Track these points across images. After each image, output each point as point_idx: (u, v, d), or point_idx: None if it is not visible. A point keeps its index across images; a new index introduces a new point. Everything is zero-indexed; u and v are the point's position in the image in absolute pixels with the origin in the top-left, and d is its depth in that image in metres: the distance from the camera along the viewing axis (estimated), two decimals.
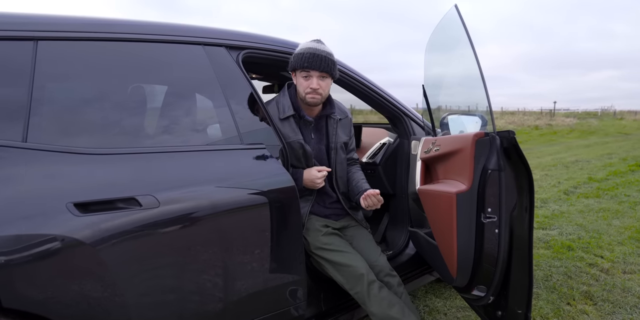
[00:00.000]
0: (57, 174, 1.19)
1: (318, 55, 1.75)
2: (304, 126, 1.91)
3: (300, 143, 1.84)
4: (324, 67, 1.76)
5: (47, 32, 1.29)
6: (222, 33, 1.68)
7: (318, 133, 1.95)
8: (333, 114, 1.95)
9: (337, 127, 1.97)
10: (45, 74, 1.26)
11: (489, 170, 1.50)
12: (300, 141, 1.84)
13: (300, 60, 1.76)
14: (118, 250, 1.20)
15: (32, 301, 1.09)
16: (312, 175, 1.82)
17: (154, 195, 1.27)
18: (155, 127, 1.51)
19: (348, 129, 2.07)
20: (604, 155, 9.78)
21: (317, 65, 1.75)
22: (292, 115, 1.84)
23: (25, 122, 1.19)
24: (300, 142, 1.84)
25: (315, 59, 1.75)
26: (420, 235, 2.08)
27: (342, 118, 2.02)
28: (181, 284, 1.34)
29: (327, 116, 1.96)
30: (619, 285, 2.74)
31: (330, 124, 1.96)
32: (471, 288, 1.70)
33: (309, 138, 1.92)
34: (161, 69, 1.56)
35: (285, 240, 1.57)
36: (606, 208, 4.71)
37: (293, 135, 1.83)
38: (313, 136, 1.93)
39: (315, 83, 1.78)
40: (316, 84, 1.78)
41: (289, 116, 1.84)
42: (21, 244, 1.06)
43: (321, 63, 1.75)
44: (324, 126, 1.97)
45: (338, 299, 1.93)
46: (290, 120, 1.85)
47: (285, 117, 1.84)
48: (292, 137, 1.83)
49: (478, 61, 1.42)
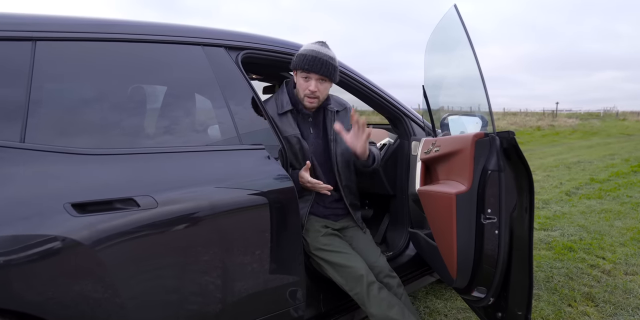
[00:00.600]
0: (55, 174, 1.18)
1: (320, 58, 1.76)
2: (302, 121, 1.91)
3: (297, 138, 1.84)
4: (323, 71, 1.77)
5: (45, 33, 1.28)
6: (221, 33, 1.68)
7: (316, 128, 1.95)
8: (329, 106, 1.95)
9: (335, 119, 1.97)
10: (44, 75, 1.25)
11: (489, 171, 1.49)
12: (297, 136, 1.84)
13: (301, 61, 1.77)
14: (116, 250, 1.20)
15: (29, 302, 1.09)
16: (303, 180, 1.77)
17: (152, 195, 1.27)
18: (153, 128, 1.51)
19: (347, 121, 2.06)
20: (606, 156, 9.75)
21: (317, 68, 1.76)
22: (290, 110, 1.85)
23: (24, 122, 1.19)
24: (297, 136, 1.84)
25: (316, 62, 1.75)
26: (420, 236, 2.07)
27: (340, 110, 2.01)
28: (179, 285, 1.34)
29: (324, 109, 1.96)
30: (620, 287, 2.73)
31: (328, 117, 1.96)
32: (471, 289, 1.69)
33: (308, 133, 1.92)
34: (160, 70, 1.56)
35: (284, 241, 1.57)
36: (608, 209, 4.69)
37: (290, 130, 1.84)
38: (312, 131, 1.93)
39: (313, 86, 1.79)
40: (314, 87, 1.79)
41: (287, 111, 1.85)
42: (18, 244, 1.06)
43: (321, 67, 1.76)
44: (321, 120, 1.97)
45: (338, 300, 1.93)
46: (288, 115, 1.86)
47: (284, 112, 1.85)
48: (289, 132, 1.84)
49: (478, 61, 1.42)
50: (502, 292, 1.61)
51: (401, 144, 2.43)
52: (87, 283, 1.17)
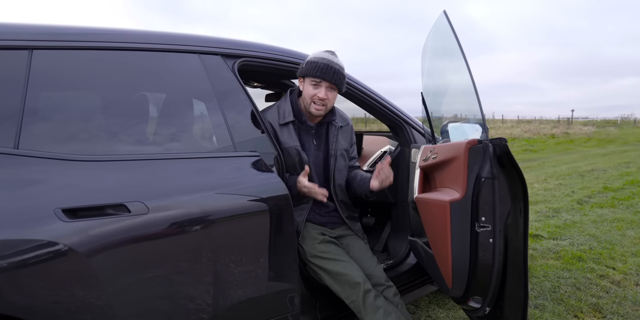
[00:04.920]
0: (47, 179, 1.20)
1: (332, 67, 1.77)
2: (304, 132, 1.91)
3: (296, 149, 1.84)
4: (334, 79, 1.79)
5: (42, 42, 1.31)
6: (218, 42, 1.70)
7: (318, 140, 1.95)
8: (334, 121, 1.96)
9: (338, 134, 1.97)
10: (39, 83, 1.28)
11: (483, 179, 1.48)
12: (297, 148, 1.84)
13: (313, 68, 1.78)
14: (106, 256, 1.21)
15: (19, 306, 1.10)
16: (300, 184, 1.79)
17: (143, 201, 1.28)
18: (147, 135, 1.52)
19: (349, 137, 2.06)
20: (621, 164, 9.56)
21: (329, 76, 1.77)
22: (291, 121, 1.85)
23: (18, 129, 1.21)
24: (297, 148, 1.84)
25: (328, 70, 1.77)
26: (419, 245, 2.05)
27: (343, 125, 2.02)
28: (170, 291, 1.34)
29: (328, 123, 1.96)
30: (630, 298, 2.66)
31: (331, 131, 1.96)
32: (467, 299, 1.67)
33: (310, 144, 1.92)
34: (156, 78, 1.58)
35: (278, 248, 1.56)
36: (621, 218, 4.59)
37: (290, 142, 1.84)
38: (315, 142, 1.93)
39: (323, 93, 1.79)
40: (324, 94, 1.80)
41: (289, 122, 1.85)
42: (8, 249, 1.08)
43: (333, 75, 1.78)
44: (324, 133, 1.97)
45: (334, 307, 1.91)
46: (289, 126, 1.85)
47: (285, 123, 1.85)
48: (289, 143, 1.83)
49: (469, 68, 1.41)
50: (498, 302, 1.58)
51: (402, 151, 2.42)
52: (78, 288, 1.18)
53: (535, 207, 5.18)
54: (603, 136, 20.76)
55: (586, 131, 23.27)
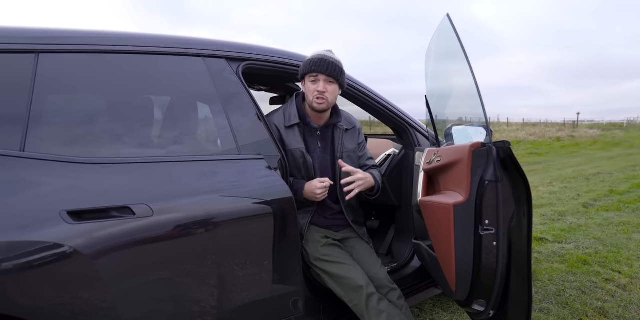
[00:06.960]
0: (52, 182, 1.21)
1: (326, 60, 1.79)
2: (309, 134, 1.92)
3: (302, 152, 1.85)
4: (330, 71, 1.78)
5: (48, 45, 1.33)
6: (222, 45, 1.71)
7: (324, 142, 1.96)
8: (339, 124, 1.96)
9: (344, 137, 1.98)
10: (45, 86, 1.29)
11: (486, 182, 1.47)
12: (302, 150, 1.85)
13: (308, 65, 1.80)
14: (111, 258, 1.22)
15: (24, 307, 1.11)
16: (312, 186, 1.81)
17: (148, 204, 1.29)
18: (152, 137, 1.53)
19: (355, 139, 2.06)
20: (627, 167, 9.50)
21: (324, 68, 1.78)
22: (297, 123, 1.86)
23: (24, 132, 1.22)
24: (302, 151, 1.85)
25: (322, 63, 1.78)
26: (423, 248, 2.05)
27: (349, 128, 2.02)
28: (174, 294, 1.35)
29: (333, 126, 1.96)
30: (636, 302, 2.64)
31: (336, 134, 1.96)
32: (471, 302, 1.66)
33: (315, 146, 1.92)
34: (161, 81, 1.59)
35: (282, 251, 1.57)
36: (627, 221, 4.56)
37: (296, 144, 1.85)
38: (320, 145, 1.94)
39: (322, 86, 1.80)
40: (322, 87, 1.80)
41: (294, 124, 1.86)
42: (14, 250, 1.09)
43: (328, 67, 1.78)
44: (330, 136, 1.98)
45: (338, 310, 1.91)
46: (295, 128, 1.87)
47: (290, 125, 1.86)
48: (294, 145, 1.84)
49: (472, 71, 1.41)
50: (502, 305, 1.58)
51: (406, 154, 2.42)
52: (82, 290, 1.19)
53: (541, 211, 5.15)
54: (609, 139, 20.63)
55: (592, 134, 23.14)
